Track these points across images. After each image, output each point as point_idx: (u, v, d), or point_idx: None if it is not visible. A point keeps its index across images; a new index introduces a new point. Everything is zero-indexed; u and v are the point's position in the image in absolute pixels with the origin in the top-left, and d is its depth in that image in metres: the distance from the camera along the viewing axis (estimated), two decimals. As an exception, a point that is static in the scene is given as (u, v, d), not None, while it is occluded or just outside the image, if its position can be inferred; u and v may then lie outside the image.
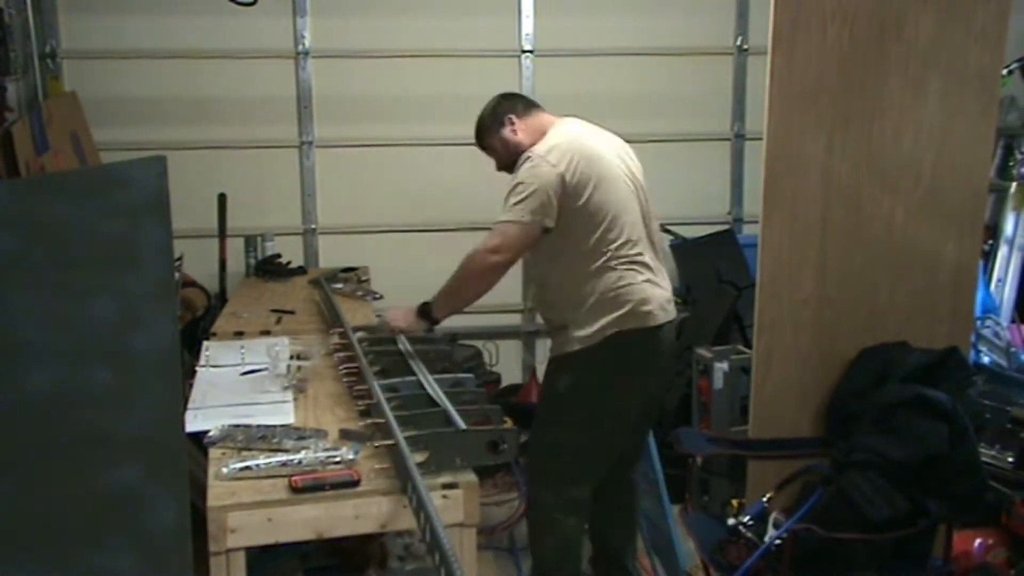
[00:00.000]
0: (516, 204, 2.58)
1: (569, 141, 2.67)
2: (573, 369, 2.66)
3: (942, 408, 2.33)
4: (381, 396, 2.19)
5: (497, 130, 2.82)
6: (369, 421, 2.19)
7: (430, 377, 2.37)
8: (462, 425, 2.06)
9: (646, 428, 2.93)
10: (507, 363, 4.54)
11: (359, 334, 2.80)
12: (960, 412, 2.35)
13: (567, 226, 2.60)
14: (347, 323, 2.95)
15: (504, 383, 4.43)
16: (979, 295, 3.38)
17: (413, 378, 2.40)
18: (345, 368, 2.57)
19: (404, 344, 2.70)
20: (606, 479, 2.82)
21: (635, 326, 2.60)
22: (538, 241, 2.62)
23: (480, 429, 2.08)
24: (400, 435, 1.95)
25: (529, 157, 2.65)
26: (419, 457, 1.92)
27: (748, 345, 3.43)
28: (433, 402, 2.24)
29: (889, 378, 2.49)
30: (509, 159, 2.77)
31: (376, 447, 2.06)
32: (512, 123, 2.79)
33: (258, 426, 2.19)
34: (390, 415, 2.06)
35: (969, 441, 2.35)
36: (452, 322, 3.22)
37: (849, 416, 2.50)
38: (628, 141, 2.64)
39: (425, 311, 2.74)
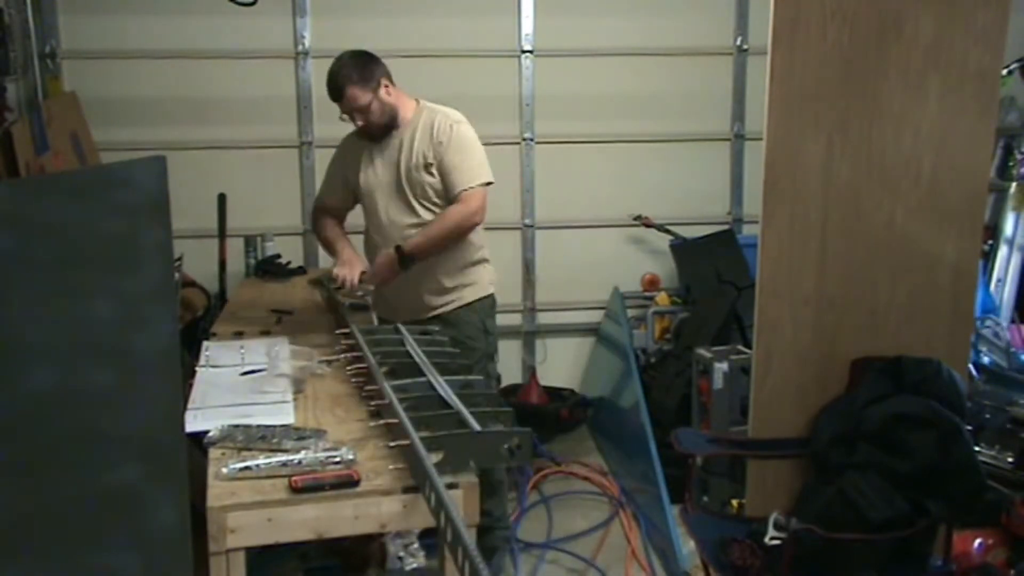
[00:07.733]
0: (478, 165, 2.78)
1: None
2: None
3: (921, 417, 2.34)
4: (393, 397, 2.18)
5: (375, 90, 2.82)
6: (380, 422, 2.19)
7: (440, 379, 2.37)
8: (477, 427, 2.05)
9: None
10: (507, 363, 4.54)
11: (366, 335, 2.79)
12: (943, 413, 2.35)
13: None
14: (354, 326, 2.94)
15: (504, 383, 4.42)
16: (979, 295, 3.38)
17: (423, 379, 2.39)
18: (353, 369, 2.56)
19: (412, 346, 2.70)
20: None
21: None
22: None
23: (495, 431, 2.08)
24: (415, 435, 1.95)
25: (454, 122, 2.83)
26: (434, 458, 1.91)
27: (748, 345, 3.43)
28: (445, 404, 2.23)
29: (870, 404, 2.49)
30: (382, 120, 2.82)
31: (391, 447, 2.05)
32: (387, 86, 2.84)
33: (258, 426, 2.18)
34: (404, 416, 2.05)
35: (962, 440, 2.35)
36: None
37: (840, 438, 2.51)
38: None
39: (404, 258, 2.88)
